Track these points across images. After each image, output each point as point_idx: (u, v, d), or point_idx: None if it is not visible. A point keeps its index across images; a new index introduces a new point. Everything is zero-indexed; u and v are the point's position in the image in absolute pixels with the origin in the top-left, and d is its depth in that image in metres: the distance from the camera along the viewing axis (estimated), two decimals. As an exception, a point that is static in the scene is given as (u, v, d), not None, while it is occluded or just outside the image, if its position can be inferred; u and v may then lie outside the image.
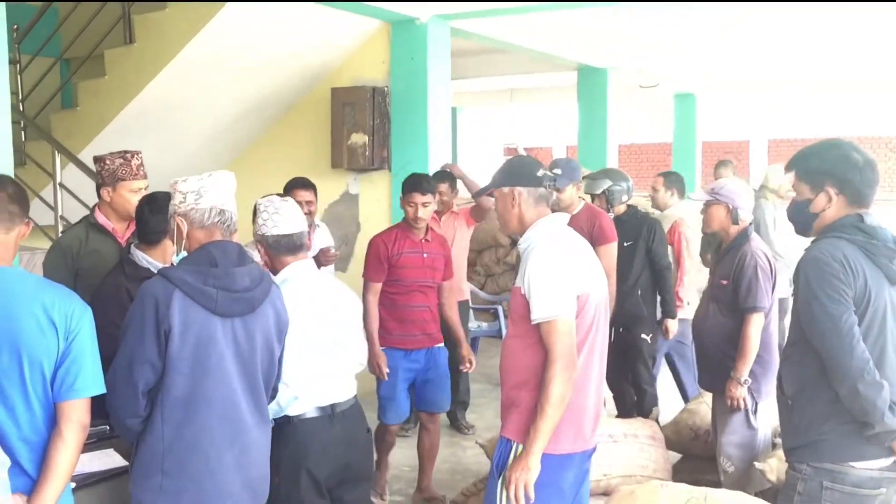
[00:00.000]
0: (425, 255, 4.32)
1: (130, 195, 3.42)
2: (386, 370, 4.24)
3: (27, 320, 2.08)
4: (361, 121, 6.24)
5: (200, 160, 6.22)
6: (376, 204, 6.40)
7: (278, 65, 6.11)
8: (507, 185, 2.76)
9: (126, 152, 3.45)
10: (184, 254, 2.50)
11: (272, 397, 2.65)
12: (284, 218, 2.84)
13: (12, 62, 5.28)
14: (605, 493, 3.66)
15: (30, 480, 2.12)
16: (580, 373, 2.62)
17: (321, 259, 4.34)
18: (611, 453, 3.73)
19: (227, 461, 2.40)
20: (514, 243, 7.07)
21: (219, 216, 2.44)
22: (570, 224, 2.87)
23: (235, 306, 2.39)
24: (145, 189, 3.45)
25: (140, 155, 3.47)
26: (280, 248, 2.86)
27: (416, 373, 4.38)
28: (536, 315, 2.57)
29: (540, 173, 2.75)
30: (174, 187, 2.49)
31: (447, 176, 5.47)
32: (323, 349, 2.87)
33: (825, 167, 2.53)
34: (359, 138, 6.28)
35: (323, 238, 4.74)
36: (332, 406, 2.85)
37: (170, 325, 2.29)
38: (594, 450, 2.84)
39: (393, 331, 4.34)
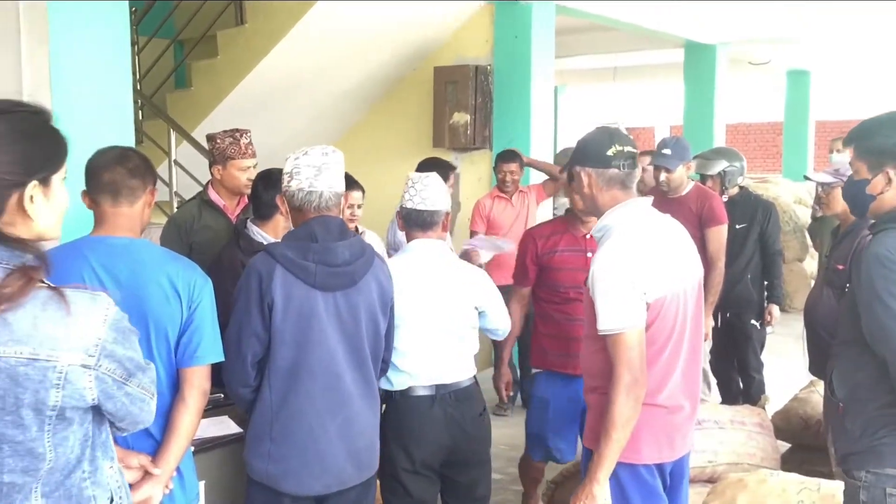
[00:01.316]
0: (589, 255, 3.32)
1: (239, 173, 3.53)
2: (507, 393, 3.65)
3: (153, 289, 2.17)
4: (464, 99, 6.25)
5: (305, 139, 6.30)
6: (477, 183, 6.41)
7: (383, 44, 6.17)
8: (577, 165, 2.49)
9: (236, 131, 3.55)
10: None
11: (384, 370, 2.69)
12: (420, 194, 2.86)
13: (131, 44, 5.49)
14: (710, 481, 3.58)
15: (154, 442, 2.21)
16: (667, 377, 2.40)
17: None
18: (717, 440, 3.64)
19: (331, 431, 2.46)
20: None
21: (307, 196, 2.44)
22: (677, 206, 2.73)
23: (335, 280, 2.44)
24: (254, 167, 3.56)
25: (249, 133, 3.57)
26: (410, 223, 2.89)
27: (580, 403, 3.17)
28: (601, 326, 2.33)
29: (611, 152, 2.41)
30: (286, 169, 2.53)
31: (515, 156, 5.47)
32: (436, 327, 2.86)
33: (888, 146, 2.27)
34: (461, 117, 6.29)
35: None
36: (437, 387, 2.84)
37: (272, 298, 2.37)
38: (689, 453, 2.65)
39: (549, 349, 3.53)
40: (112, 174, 2.20)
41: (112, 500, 1.61)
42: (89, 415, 1.54)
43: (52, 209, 1.54)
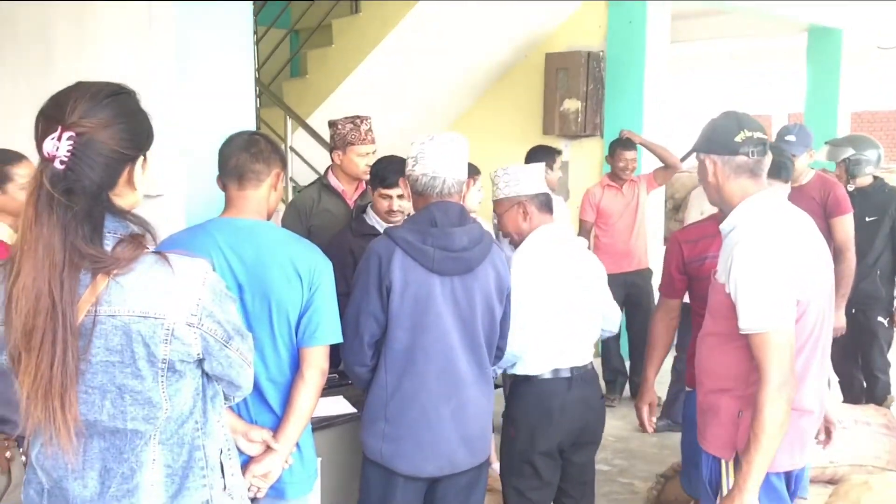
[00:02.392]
0: None
1: (358, 159, 3.58)
2: (650, 421, 3.14)
3: (276, 271, 2.23)
4: (575, 86, 6.18)
5: (419, 123, 6.40)
6: (587, 171, 6.33)
7: (494, 31, 6.16)
8: (701, 152, 2.36)
9: (356, 117, 3.60)
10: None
11: (498, 357, 2.70)
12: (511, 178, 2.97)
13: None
14: (831, 482, 3.44)
15: (275, 417, 2.29)
16: (803, 380, 2.25)
17: None
18: (839, 440, 3.48)
19: (444, 414, 2.48)
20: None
21: (431, 181, 2.47)
22: (799, 195, 2.60)
23: (452, 265, 2.45)
24: (373, 153, 3.61)
25: (369, 120, 3.61)
26: (542, 207, 2.95)
27: None
28: (746, 324, 2.18)
29: (739, 138, 2.27)
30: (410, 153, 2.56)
31: (628, 143, 5.35)
32: (560, 312, 2.89)
33: None
34: (571, 104, 6.22)
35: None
36: (571, 369, 2.88)
37: (391, 281, 2.40)
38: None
39: None
40: (237, 159, 2.28)
41: (221, 452, 1.70)
42: (199, 370, 1.64)
43: (146, 181, 1.64)
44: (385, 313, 2.42)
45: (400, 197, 3.24)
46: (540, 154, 5.04)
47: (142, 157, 1.60)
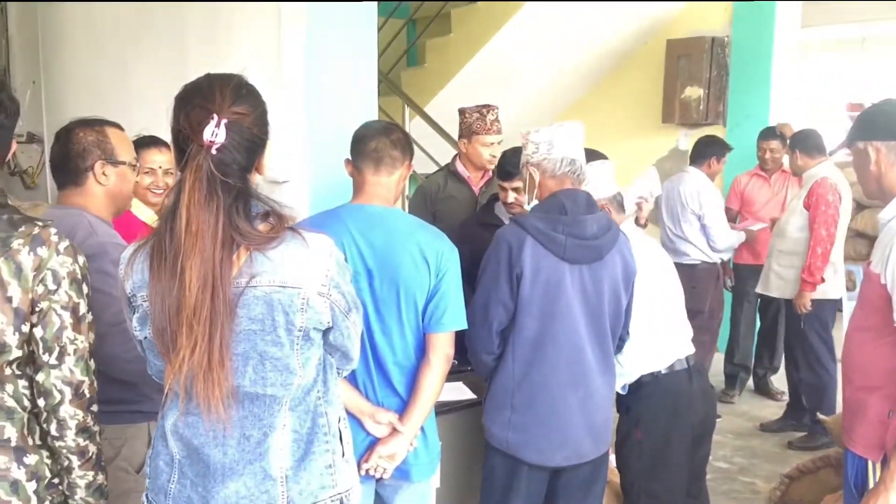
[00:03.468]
0: None
1: (483, 148, 3.60)
2: None
3: (404, 257, 2.27)
4: (697, 73, 6.00)
5: (533, 113, 6.36)
6: (708, 161, 6.13)
7: (614, 18, 6.05)
8: (862, 140, 2.28)
9: (485, 107, 3.61)
10: (535, 202, 2.58)
11: (619, 347, 2.67)
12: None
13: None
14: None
15: (401, 401, 2.33)
16: None
17: None
18: None
19: (572, 403, 2.46)
20: (861, 207, 6.41)
21: (569, 165, 2.47)
22: None
23: (583, 253, 2.43)
24: (499, 144, 3.61)
25: (496, 110, 3.61)
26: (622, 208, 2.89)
27: None
28: None
29: None
30: (526, 138, 2.54)
31: (773, 133, 5.20)
32: (675, 302, 2.86)
33: None
34: (693, 91, 6.04)
35: None
36: (686, 359, 2.83)
37: (521, 269, 2.39)
38: None
39: None
40: (377, 143, 2.32)
41: (340, 420, 1.79)
42: (323, 340, 1.73)
43: (269, 166, 1.73)
44: (514, 301, 2.42)
45: (515, 190, 3.24)
46: (714, 147, 4.97)
47: (268, 144, 1.70)
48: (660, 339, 2.78)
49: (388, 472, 2.29)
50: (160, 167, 2.95)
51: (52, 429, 1.82)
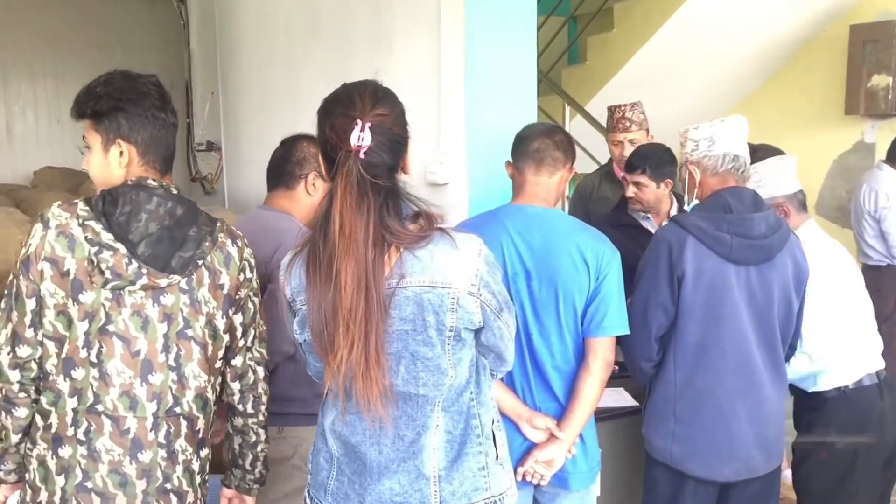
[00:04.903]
0: None
1: (612, 147, 3.58)
2: None
3: (563, 258, 2.21)
4: (886, 60, 5.53)
5: (700, 108, 6.10)
6: (897, 154, 5.64)
7: (790, 5, 5.68)
8: None
9: (618, 105, 3.58)
10: (695, 202, 2.45)
11: (789, 355, 2.48)
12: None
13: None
14: None
15: (559, 406, 2.27)
16: None
17: None
18: None
19: (740, 413, 2.32)
20: None
21: (732, 162, 2.35)
22: None
23: (751, 253, 2.28)
24: (630, 142, 3.52)
25: (625, 108, 3.55)
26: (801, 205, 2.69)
27: None
28: None
29: None
30: (685, 136, 2.44)
31: None
32: (861, 311, 2.64)
33: None
34: (881, 80, 5.58)
35: None
36: (877, 373, 2.59)
37: (683, 270, 2.27)
38: None
39: None
40: (539, 143, 2.30)
41: (493, 423, 1.78)
42: (475, 341, 1.73)
43: (412, 165, 1.74)
44: (675, 304, 2.30)
45: (636, 185, 3.16)
46: None
47: (410, 143, 1.71)
48: (844, 350, 2.55)
49: (546, 479, 2.24)
50: None
51: (249, 407, 2.02)
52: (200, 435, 1.92)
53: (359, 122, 1.58)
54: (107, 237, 1.76)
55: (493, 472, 1.74)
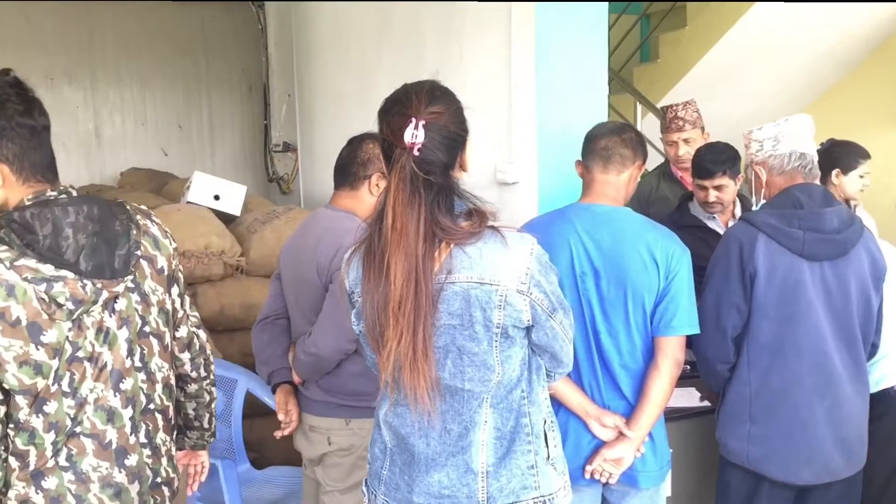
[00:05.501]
0: None
1: (667, 147, 3.57)
2: None
3: (632, 257, 2.22)
4: (974, 53, 5.32)
5: (775, 106, 5.97)
6: None
7: (871, -3, 5.52)
8: None
9: (672, 105, 3.58)
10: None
11: (871, 354, 2.44)
12: None
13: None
14: None
15: (627, 404, 2.28)
16: None
17: None
18: None
19: (818, 414, 2.29)
20: None
21: (799, 160, 2.34)
22: None
23: (824, 248, 2.26)
24: (685, 142, 3.52)
25: (677, 107, 3.56)
26: None
27: None
28: None
29: None
30: (749, 137, 2.44)
31: None
32: None
33: None
34: (969, 74, 5.37)
35: None
36: None
37: (754, 269, 2.26)
38: None
39: None
40: (607, 142, 2.32)
41: (545, 422, 1.79)
42: (527, 339, 1.75)
43: (470, 163, 1.78)
44: (748, 303, 2.29)
45: (717, 188, 3.15)
46: None
47: (468, 141, 1.75)
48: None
49: (615, 478, 2.25)
50: None
51: (201, 371, 2.06)
52: (172, 421, 1.96)
53: (413, 119, 1.63)
54: (47, 269, 1.63)
55: (542, 471, 1.76)
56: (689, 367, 2.80)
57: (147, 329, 1.84)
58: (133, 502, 1.81)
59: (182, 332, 1.99)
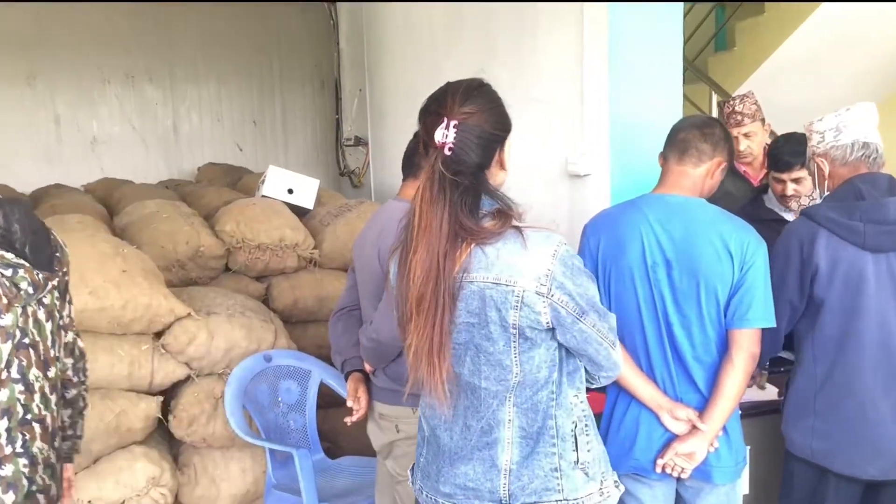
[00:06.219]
0: None
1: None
2: None
3: (706, 248, 2.18)
4: None
5: (854, 95, 5.69)
6: None
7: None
8: None
9: (729, 100, 3.50)
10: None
11: None
12: None
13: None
14: None
15: (701, 397, 2.25)
16: None
17: None
18: None
19: (882, 409, 2.22)
20: None
21: (862, 149, 2.27)
22: None
23: (887, 240, 2.19)
24: (745, 136, 3.45)
25: (734, 102, 3.48)
26: None
27: None
28: None
29: None
30: (810, 129, 2.39)
31: None
32: None
33: None
34: None
35: None
36: None
37: (816, 265, 2.22)
38: None
39: None
40: (686, 134, 2.30)
41: (576, 426, 1.77)
42: (554, 342, 1.73)
43: (510, 161, 1.79)
44: (803, 301, 2.26)
45: (795, 181, 3.08)
46: None
47: (508, 140, 1.76)
48: None
49: (687, 472, 2.22)
50: None
51: (81, 375, 2.10)
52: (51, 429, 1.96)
53: (445, 119, 1.66)
54: (10, 256, 1.78)
55: (567, 475, 1.76)
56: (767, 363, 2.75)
57: (61, 323, 1.96)
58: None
59: (69, 336, 2.05)
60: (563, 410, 1.76)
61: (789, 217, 3.19)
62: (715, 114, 5.46)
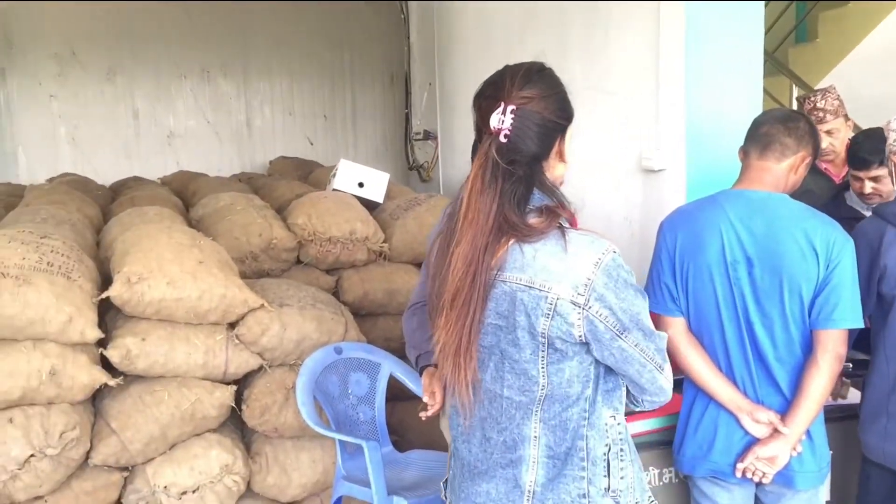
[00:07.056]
0: None
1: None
2: None
3: (789, 245, 2.11)
4: None
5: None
6: None
7: None
8: None
9: (810, 97, 3.38)
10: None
11: None
12: None
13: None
14: None
15: (783, 399, 2.17)
16: None
17: None
18: None
19: None
20: None
21: None
22: None
23: None
24: (827, 133, 3.33)
25: (815, 98, 3.35)
26: None
27: None
28: None
29: None
30: (889, 127, 2.30)
31: None
32: None
33: None
34: None
35: None
36: None
37: (884, 263, 2.16)
38: None
39: None
40: (769, 128, 2.23)
41: (609, 450, 1.62)
42: (589, 357, 1.58)
43: (572, 153, 1.65)
44: (870, 299, 2.21)
45: (873, 179, 2.96)
46: None
47: (569, 130, 1.62)
48: None
49: (768, 477, 2.15)
50: None
51: None
52: None
53: (502, 104, 1.53)
54: None
55: (596, 502, 1.61)
56: (851, 365, 2.65)
57: None
58: None
59: None
60: (595, 431, 1.61)
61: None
62: (795, 108, 5.31)
